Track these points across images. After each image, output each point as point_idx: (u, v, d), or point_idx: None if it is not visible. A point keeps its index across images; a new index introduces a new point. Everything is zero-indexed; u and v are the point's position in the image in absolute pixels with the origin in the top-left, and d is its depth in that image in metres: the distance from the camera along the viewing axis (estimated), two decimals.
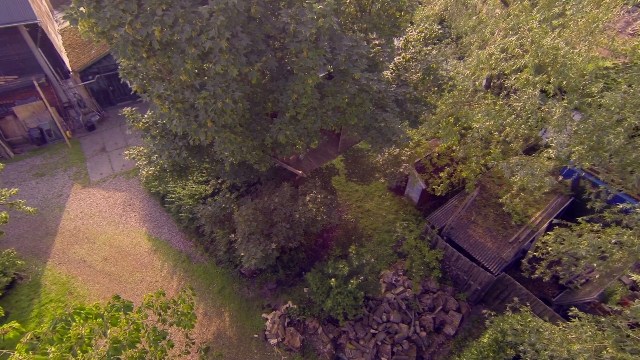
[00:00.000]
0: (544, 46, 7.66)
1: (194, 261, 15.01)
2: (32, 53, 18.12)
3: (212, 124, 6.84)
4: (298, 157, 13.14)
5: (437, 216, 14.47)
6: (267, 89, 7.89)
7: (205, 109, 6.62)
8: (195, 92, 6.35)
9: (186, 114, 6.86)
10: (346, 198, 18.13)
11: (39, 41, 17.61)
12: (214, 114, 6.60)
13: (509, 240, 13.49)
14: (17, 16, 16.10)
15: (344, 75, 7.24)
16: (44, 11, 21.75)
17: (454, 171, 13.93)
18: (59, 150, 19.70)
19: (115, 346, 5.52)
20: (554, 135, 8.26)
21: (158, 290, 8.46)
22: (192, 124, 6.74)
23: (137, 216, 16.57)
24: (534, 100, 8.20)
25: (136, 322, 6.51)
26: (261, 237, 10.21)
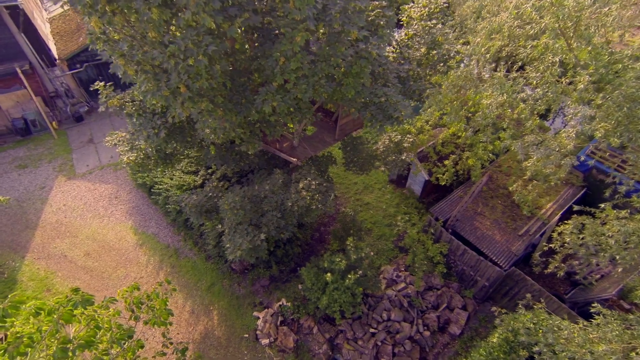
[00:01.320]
0: (566, 6, 6.73)
1: (182, 256, 14.10)
2: (14, 38, 17.26)
3: (186, 90, 5.93)
4: (292, 144, 12.24)
5: (441, 207, 13.55)
6: (252, 56, 6.98)
7: (177, 70, 5.71)
8: (164, 50, 5.45)
9: (156, 78, 5.95)
10: (344, 191, 17.22)
11: (21, 25, 16.74)
12: (186, 77, 5.69)
13: (518, 233, 12.55)
14: None
15: (338, 36, 6.33)
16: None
17: (459, 159, 13.01)
18: (44, 142, 18.82)
19: (62, 347, 4.61)
20: (576, 110, 7.32)
21: (132, 284, 7.57)
22: (162, 89, 5.84)
23: (124, 209, 15.67)
24: (554, 69, 7.27)
25: (95, 319, 5.60)
26: (249, 227, 9.31)
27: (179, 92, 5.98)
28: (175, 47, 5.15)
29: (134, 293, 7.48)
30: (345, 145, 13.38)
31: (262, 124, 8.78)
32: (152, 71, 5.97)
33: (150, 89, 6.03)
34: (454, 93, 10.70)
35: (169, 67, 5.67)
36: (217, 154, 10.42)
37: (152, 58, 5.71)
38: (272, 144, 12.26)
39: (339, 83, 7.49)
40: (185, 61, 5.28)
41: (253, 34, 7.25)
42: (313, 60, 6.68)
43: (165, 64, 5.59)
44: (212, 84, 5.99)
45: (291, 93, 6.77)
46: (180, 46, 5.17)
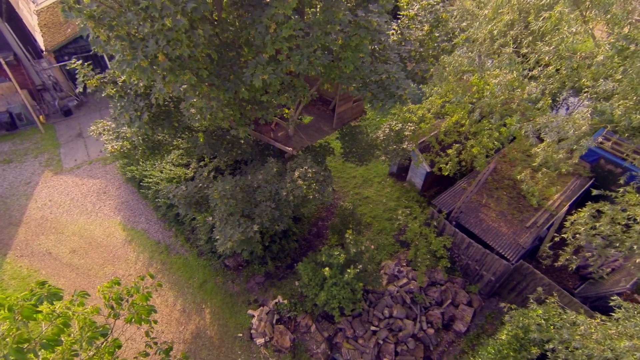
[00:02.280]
0: None
1: (173, 252, 13.44)
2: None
3: (164, 58, 5.30)
4: (287, 134, 11.62)
5: (444, 199, 12.95)
6: (241, 26, 6.35)
7: (154, 35, 5.08)
8: (139, 11, 4.82)
9: (132, 46, 5.31)
10: (343, 184, 16.61)
11: (4, 14, 16.04)
12: (165, 43, 5.06)
13: (525, 225, 11.98)
14: None
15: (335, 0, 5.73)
16: None
17: (463, 148, 12.41)
18: (31, 136, 18.11)
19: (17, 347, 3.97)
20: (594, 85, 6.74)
21: (112, 279, 6.92)
22: (139, 58, 5.21)
23: (112, 204, 15.00)
24: (569, 42, 6.68)
25: (63, 315, 4.96)
26: (241, 218, 8.67)
27: (158, 62, 5.34)
28: (148, 1, 4.52)
29: (113, 288, 6.84)
30: (344, 134, 12.77)
31: (253, 106, 8.15)
32: (128, 38, 5.33)
33: (125, 59, 5.39)
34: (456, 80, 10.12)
35: (145, 32, 5.04)
36: (206, 142, 9.79)
37: (127, 22, 5.08)
38: (266, 133, 11.63)
39: (337, 57, 6.87)
40: (161, 21, 4.65)
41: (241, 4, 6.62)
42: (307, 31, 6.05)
43: (140, 27, 4.95)
44: (194, 53, 5.36)
45: (283, 65, 6.14)
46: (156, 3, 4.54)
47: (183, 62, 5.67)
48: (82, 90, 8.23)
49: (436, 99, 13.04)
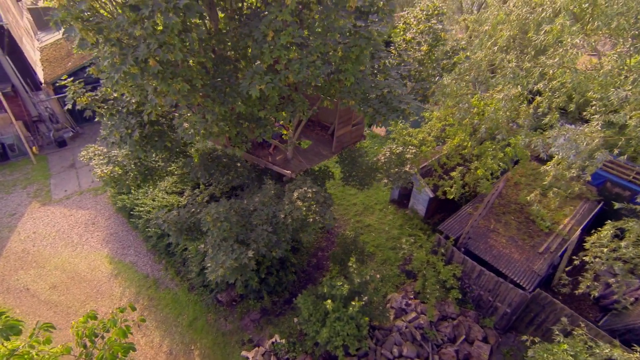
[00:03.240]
0: None
1: (161, 287, 12.46)
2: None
3: (155, 63, 4.98)
4: (286, 157, 11.25)
5: (450, 225, 12.33)
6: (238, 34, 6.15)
7: (145, 40, 4.79)
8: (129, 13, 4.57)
9: (122, 53, 5.01)
10: (343, 212, 16.00)
11: (6, 47, 16.25)
12: (156, 46, 4.75)
13: (538, 251, 11.28)
14: None
15: (335, 7, 5.56)
16: (22, 25, 20.81)
17: (467, 170, 12.05)
18: (22, 167, 17.64)
19: None
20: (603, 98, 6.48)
21: (87, 313, 6.11)
22: (128, 62, 4.88)
23: (100, 236, 14.19)
24: (572, 54, 6.52)
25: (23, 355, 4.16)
26: (235, 244, 7.99)
27: (149, 67, 5.02)
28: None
29: (88, 323, 6.01)
30: (343, 158, 12.39)
31: (250, 124, 7.81)
32: (118, 44, 5.04)
33: (115, 65, 5.07)
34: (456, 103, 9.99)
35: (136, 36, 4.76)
36: (201, 163, 9.33)
37: (117, 25, 4.81)
38: (263, 157, 11.26)
39: (337, 69, 6.64)
40: (152, 19, 4.37)
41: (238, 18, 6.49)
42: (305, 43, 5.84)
43: (131, 29, 4.67)
44: (187, 57, 5.06)
45: (282, 74, 5.85)
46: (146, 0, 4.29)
47: (175, 70, 5.36)
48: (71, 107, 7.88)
49: (436, 122, 12.92)
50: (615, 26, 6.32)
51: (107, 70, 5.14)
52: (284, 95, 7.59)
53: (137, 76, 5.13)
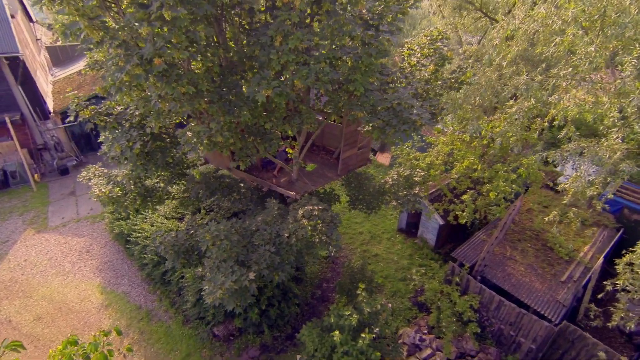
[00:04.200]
0: None
1: (154, 319, 11.55)
2: (10, 90, 17.10)
3: (160, 62, 4.81)
4: (290, 179, 10.93)
5: (464, 252, 11.64)
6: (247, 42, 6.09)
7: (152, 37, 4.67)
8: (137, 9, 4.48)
9: (128, 53, 4.88)
10: (349, 241, 15.32)
11: (20, 78, 16.70)
12: (162, 43, 4.62)
13: (560, 279, 10.49)
14: None
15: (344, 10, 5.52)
16: (38, 60, 21.63)
17: (478, 194, 11.59)
18: (21, 195, 17.35)
19: None
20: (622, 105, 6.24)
21: (68, 338, 5.44)
22: (132, 61, 4.72)
23: (94, 264, 13.50)
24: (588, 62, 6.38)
25: None
26: (235, 265, 7.39)
27: (154, 66, 4.85)
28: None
29: (67, 349, 5.32)
30: (349, 182, 12.04)
31: (255, 137, 7.57)
32: (124, 45, 4.92)
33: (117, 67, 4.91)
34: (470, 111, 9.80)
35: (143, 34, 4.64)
36: (203, 181, 8.98)
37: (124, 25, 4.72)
38: (267, 179, 10.95)
39: (347, 79, 6.50)
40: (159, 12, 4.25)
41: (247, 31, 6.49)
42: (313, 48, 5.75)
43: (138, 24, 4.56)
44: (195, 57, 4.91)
45: (289, 79, 5.69)
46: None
47: (180, 73, 5.20)
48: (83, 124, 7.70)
49: (443, 147, 12.71)
50: (629, 36, 6.23)
51: (111, 72, 4.98)
52: (291, 108, 7.42)
53: (141, 76, 4.95)
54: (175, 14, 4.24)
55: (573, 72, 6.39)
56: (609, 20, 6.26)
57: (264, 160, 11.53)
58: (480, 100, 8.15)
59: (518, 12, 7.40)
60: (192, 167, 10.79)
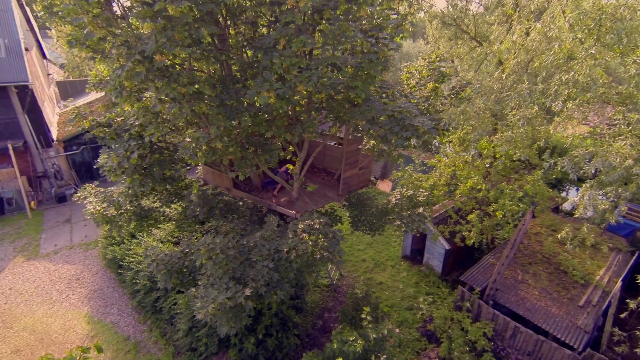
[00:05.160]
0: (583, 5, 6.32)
1: (142, 351, 10.69)
2: (16, 118, 17.38)
3: (162, 58, 4.80)
4: (291, 199, 10.68)
5: (473, 275, 11.04)
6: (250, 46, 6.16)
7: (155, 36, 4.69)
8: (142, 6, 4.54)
9: (129, 52, 4.89)
10: (352, 269, 14.67)
11: (27, 106, 17.05)
12: (164, 40, 4.63)
13: (578, 304, 9.82)
14: (8, 77, 15.86)
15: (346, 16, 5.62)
16: (47, 93, 22.28)
17: (484, 215, 11.26)
18: (16, 222, 16.98)
19: None
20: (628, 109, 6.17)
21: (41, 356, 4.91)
22: (134, 57, 4.70)
23: (83, 293, 12.81)
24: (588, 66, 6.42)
25: None
26: (231, 281, 6.90)
27: (155, 62, 4.83)
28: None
29: None
30: (351, 203, 11.75)
31: (256, 149, 7.45)
32: (126, 44, 4.95)
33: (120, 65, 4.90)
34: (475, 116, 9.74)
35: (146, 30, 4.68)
36: (201, 196, 8.71)
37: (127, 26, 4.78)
38: (268, 199, 10.69)
39: (348, 86, 6.50)
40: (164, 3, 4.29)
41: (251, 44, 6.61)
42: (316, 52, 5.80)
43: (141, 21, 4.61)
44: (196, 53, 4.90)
45: (292, 82, 5.66)
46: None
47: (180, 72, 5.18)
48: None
49: (445, 169, 12.60)
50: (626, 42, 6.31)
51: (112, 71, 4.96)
52: (292, 117, 7.38)
53: (141, 73, 4.92)
54: (179, 8, 4.29)
55: (574, 77, 6.40)
56: (604, 28, 6.37)
57: (264, 182, 11.36)
58: (484, 106, 8.12)
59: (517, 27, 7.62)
60: (189, 188, 10.60)
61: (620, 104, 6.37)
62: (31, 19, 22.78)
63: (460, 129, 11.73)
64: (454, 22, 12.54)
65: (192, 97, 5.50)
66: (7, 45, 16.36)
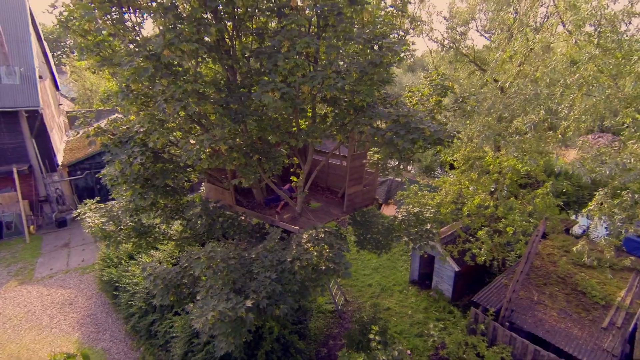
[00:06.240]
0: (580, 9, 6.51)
1: None
2: (24, 143, 17.64)
3: (170, 53, 4.86)
4: (294, 215, 10.45)
5: (486, 296, 10.46)
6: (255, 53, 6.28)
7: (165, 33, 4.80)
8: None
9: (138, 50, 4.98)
10: (357, 294, 14.02)
11: (35, 131, 17.38)
12: (172, 35, 4.72)
13: (601, 326, 9.16)
14: (20, 102, 16.31)
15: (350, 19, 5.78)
16: (56, 121, 22.83)
17: (494, 232, 10.88)
18: (13, 246, 16.64)
19: None
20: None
21: None
22: (141, 54, 4.77)
23: (75, 318, 12.19)
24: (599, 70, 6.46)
25: None
26: (231, 293, 6.50)
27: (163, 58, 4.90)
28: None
29: None
30: (356, 221, 11.46)
31: (260, 156, 7.38)
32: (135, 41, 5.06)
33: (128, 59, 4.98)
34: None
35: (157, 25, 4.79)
36: (202, 207, 8.50)
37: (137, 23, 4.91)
38: (271, 216, 10.46)
39: (352, 90, 6.54)
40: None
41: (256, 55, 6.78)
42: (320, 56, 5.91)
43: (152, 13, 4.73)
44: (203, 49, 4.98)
45: (297, 83, 5.70)
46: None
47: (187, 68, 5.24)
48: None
49: (451, 187, 12.43)
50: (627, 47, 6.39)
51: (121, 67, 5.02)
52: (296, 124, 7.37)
53: (149, 69, 4.97)
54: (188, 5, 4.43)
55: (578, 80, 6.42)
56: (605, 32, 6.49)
57: (267, 199, 11.20)
58: (492, 111, 8.10)
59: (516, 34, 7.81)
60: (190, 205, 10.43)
61: (627, 106, 6.33)
62: (48, 53, 23.94)
63: (465, 146, 11.70)
64: (453, 46, 12.95)
65: (198, 96, 5.51)
66: (23, 73, 17.00)
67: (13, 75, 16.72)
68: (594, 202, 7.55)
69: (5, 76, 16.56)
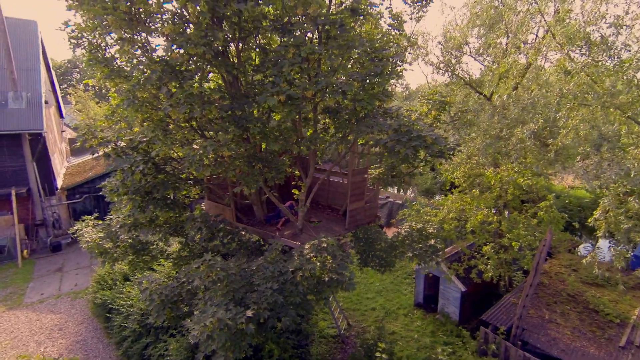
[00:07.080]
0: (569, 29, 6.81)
1: None
2: (24, 166, 17.67)
3: (177, 55, 5.00)
4: (295, 231, 10.28)
5: (494, 315, 10.04)
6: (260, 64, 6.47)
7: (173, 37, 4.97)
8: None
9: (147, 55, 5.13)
10: (360, 318, 13.45)
11: (37, 154, 17.48)
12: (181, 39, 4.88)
13: (619, 345, 8.72)
14: (24, 126, 16.53)
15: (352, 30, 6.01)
16: (58, 147, 23.05)
17: (499, 247, 10.66)
18: (4, 271, 16.14)
19: None
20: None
21: None
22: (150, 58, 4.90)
23: (64, 344, 11.57)
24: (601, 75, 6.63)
25: None
26: (231, 303, 6.20)
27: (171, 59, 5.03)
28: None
29: None
30: (358, 238, 11.25)
31: (263, 165, 7.39)
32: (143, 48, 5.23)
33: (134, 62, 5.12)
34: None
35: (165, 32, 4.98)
36: (203, 218, 8.35)
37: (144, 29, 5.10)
38: (272, 231, 10.29)
39: (354, 98, 6.68)
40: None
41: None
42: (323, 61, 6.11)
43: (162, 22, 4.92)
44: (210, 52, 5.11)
45: (301, 86, 5.83)
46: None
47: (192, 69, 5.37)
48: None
49: (452, 205, 12.36)
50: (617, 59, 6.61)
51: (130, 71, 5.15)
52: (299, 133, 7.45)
53: (156, 72, 5.09)
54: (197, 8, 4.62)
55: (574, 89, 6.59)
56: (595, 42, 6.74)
57: (268, 216, 11.08)
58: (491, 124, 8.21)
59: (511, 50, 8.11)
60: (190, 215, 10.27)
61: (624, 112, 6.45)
62: (55, 82, 24.68)
63: (465, 163, 11.77)
64: (449, 69, 13.39)
65: (203, 100, 5.61)
66: (29, 99, 17.39)
67: (20, 100, 17.10)
68: (599, 211, 7.47)
69: (12, 101, 16.92)
